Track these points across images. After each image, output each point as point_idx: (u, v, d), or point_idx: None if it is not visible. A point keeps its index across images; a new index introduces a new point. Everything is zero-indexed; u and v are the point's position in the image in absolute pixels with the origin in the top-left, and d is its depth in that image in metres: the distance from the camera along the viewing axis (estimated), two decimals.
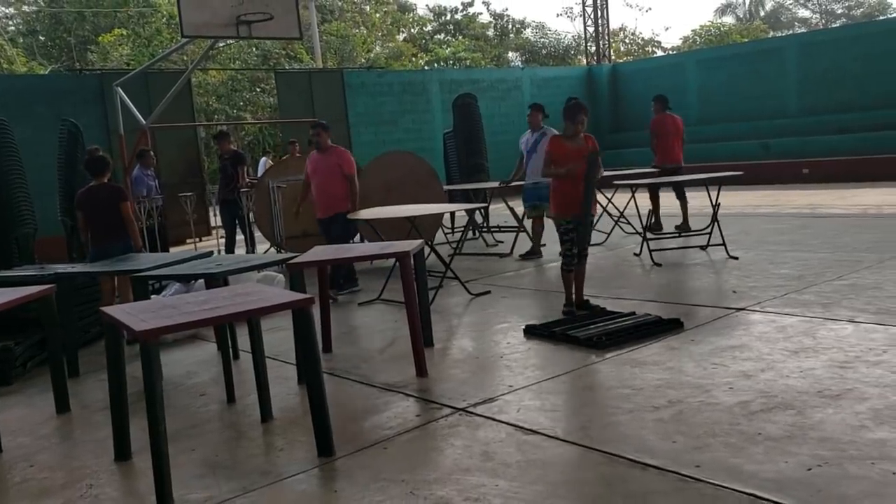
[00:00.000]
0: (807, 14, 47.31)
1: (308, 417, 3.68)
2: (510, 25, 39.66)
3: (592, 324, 5.35)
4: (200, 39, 12.80)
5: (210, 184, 16.88)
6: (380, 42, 33.84)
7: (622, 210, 10.26)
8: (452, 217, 11.88)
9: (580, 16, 27.10)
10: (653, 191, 9.89)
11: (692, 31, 39.12)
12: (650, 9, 62.72)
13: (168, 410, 3.39)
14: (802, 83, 18.40)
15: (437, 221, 9.89)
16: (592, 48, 26.23)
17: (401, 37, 36.51)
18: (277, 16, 10.49)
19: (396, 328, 5.97)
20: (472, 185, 10.84)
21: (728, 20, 43.91)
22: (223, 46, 25.94)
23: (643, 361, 4.56)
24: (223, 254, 9.97)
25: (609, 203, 10.16)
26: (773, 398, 3.77)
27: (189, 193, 11.96)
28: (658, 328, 5.17)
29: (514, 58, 38.51)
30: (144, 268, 5.42)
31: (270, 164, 15.62)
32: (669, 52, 36.57)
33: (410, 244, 5.28)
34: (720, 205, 8.17)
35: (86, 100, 13.95)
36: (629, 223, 10.28)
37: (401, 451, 3.57)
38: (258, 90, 26.70)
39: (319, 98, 17.15)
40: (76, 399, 4.82)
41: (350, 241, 8.10)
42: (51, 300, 4.70)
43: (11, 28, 31.51)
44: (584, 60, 27.85)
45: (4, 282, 5.30)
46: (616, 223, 10.19)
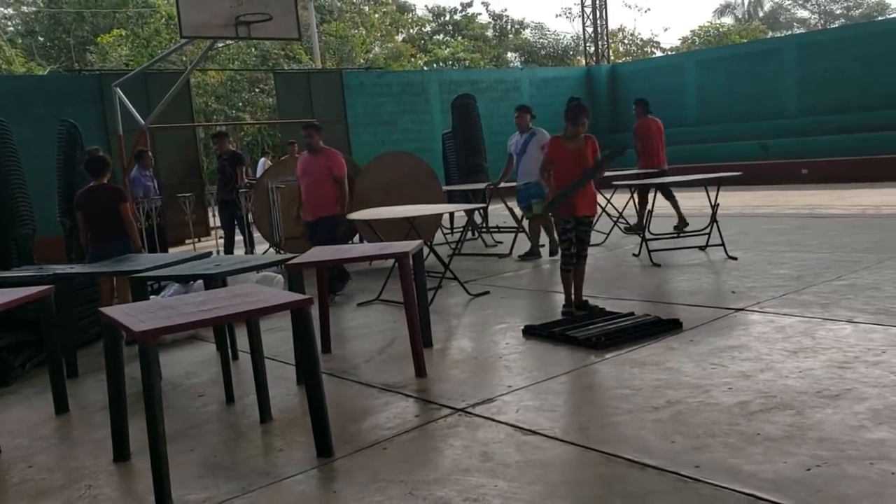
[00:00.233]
0: (805, 14, 47.38)
1: (307, 418, 3.68)
2: (509, 26, 39.68)
3: (591, 324, 5.35)
4: (199, 40, 12.81)
5: (209, 184, 16.87)
6: (379, 42, 33.84)
7: (621, 210, 10.28)
8: (452, 217, 11.89)
9: (579, 16, 27.16)
10: (643, 193, 9.89)
11: (691, 32, 39.17)
12: (649, 9, 62.84)
13: (167, 411, 3.39)
14: (801, 84, 18.41)
15: (436, 222, 9.89)
16: (591, 49, 26.24)
17: (400, 37, 36.51)
18: (276, 16, 10.50)
19: (395, 329, 5.97)
20: (471, 186, 10.85)
21: (727, 21, 43.94)
22: (222, 47, 25.93)
23: (642, 362, 4.56)
24: (222, 254, 9.96)
25: (608, 203, 10.16)
26: (772, 398, 3.77)
27: (188, 194, 11.96)
28: (657, 328, 5.18)
29: (513, 58, 38.54)
30: (143, 268, 5.42)
31: (269, 165, 15.63)
32: (668, 53, 36.61)
33: (409, 245, 5.27)
34: (719, 205, 8.17)
35: (85, 100, 13.94)
36: (628, 223, 10.29)
37: (400, 452, 3.57)
38: (257, 91, 26.70)
39: (318, 98, 17.16)
40: (75, 400, 4.82)
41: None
42: (49, 301, 4.69)
43: (10, 29, 31.50)
44: (583, 61, 27.87)
45: (3, 282, 5.29)
46: (615, 223, 10.20)
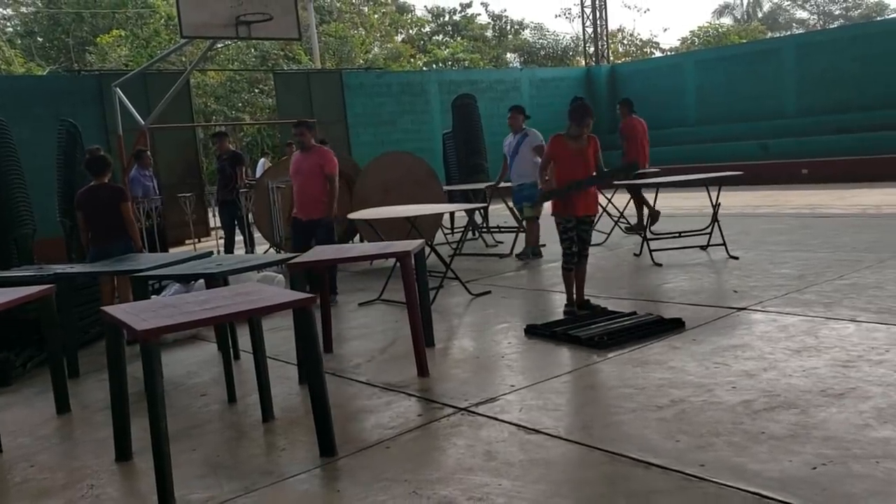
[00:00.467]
0: (804, 15, 47.43)
1: (309, 417, 3.66)
2: (508, 26, 39.70)
3: (594, 323, 5.34)
4: (199, 40, 12.79)
5: (209, 184, 16.86)
6: (378, 43, 33.84)
7: (622, 210, 10.27)
8: (452, 217, 11.87)
9: (579, 17, 27.19)
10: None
11: (690, 32, 39.20)
12: (648, 10, 62.85)
13: (169, 411, 3.37)
14: (801, 84, 18.42)
15: (437, 222, 9.88)
16: (591, 49, 26.25)
17: (399, 38, 36.51)
18: (276, 16, 10.49)
19: (397, 328, 5.95)
20: (472, 186, 10.84)
21: (726, 21, 43.98)
22: (221, 47, 25.93)
23: (645, 361, 4.55)
24: (222, 254, 9.95)
25: (609, 203, 10.14)
26: (776, 397, 3.76)
27: (188, 194, 11.95)
28: (660, 328, 5.17)
29: (513, 59, 38.55)
30: (144, 268, 5.41)
31: (269, 165, 15.61)
32: (668, 53, 36.63)
33: (411, 244, 5.26)
34: (720, 204, 8.17)
35: (84, 100, 13.93)
36: (629, 223, 10.28)
37: (403, 451, 3.56)
38: (257, 91, 26.68)
39: (318, 99, 17.15)
40: (76, 399, 4.81)
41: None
42: (50, 300, 4.68)
43: (9, 29, 31.48)
44: (583, 61, 27.88)
45: (4, 282, 5.28)
46: (616, 223, 10.19)
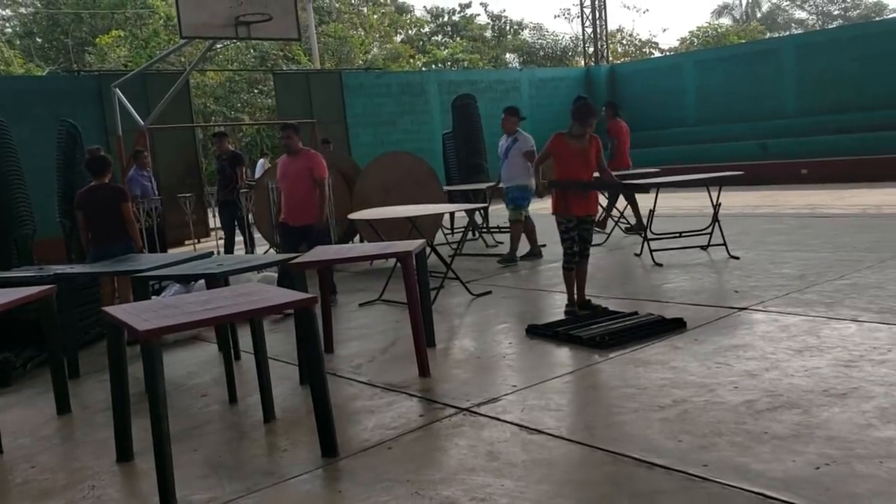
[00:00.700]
0: (803, 15, 47.46)
1: (311, 418, 3.66)
2: (508, 27, 39.71)
3: (595, 324, 5.34)
4: (198, 41, 12.80)
5: (208, 185, 16.84)
6: (377, 43, 33.83)
7: (622, 210, 10.27)
8: (452, 218, 11.86)
9: (578, 17, 27.21)
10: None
11: (689, 33, 39.25)
12: (647, 10, 62.86)
13: (170, 411, 3.36)
14: (800, 84, 18.42)
15: (437, 222, 9.88)
16: (590, 49, 26.25)
17: (398, 38, 36.52)
18: (276, 16, 10.49)
19: (398, 328, 5.94)
20: (472, 186, 10.83)
21: (725, 21, 44.01)
22: (221, 48, 25.91)
23: (647, 361, 4.54)
24: (222, 255, 9.93)
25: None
26: (779, 397, 3.76)
27: (188, 195, 11.94)
28: (661, 328, 5.16)
29: (512, 59, 38.55)
30: (145, 268, 5.40)
31: (269, 166, 15.59)
32: (667, 54, 36.64)
33: (412, 244, 5.25)
34: (721, 205, 8.17)
35: (84, 101, 13.90)
36: (629, 223, 10.28)
37: (405, 452, 3.55)
38: (256, 91, 26.67)
39: (318, 99, 17.13)
40: (77, 400, 4.80)
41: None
42: (51, 301, 4.67)
43: (8, 30, 31.47)
44: (583, 61, 27.87)
45: (4, 283, 5.27)
46: (616, 223, 10.19)
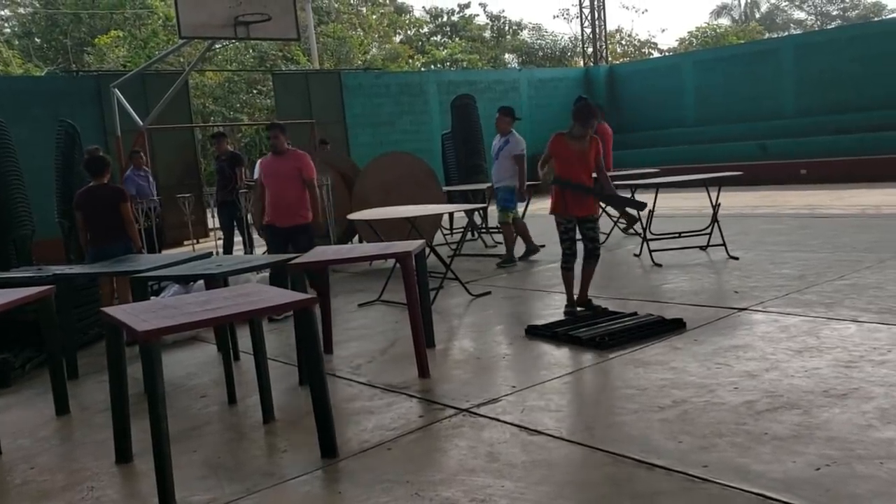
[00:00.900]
0: (802, 16, 47.50)
1: (310, 418, 3.65)
2: (507, 27, 39.73)
3: (595, 324, 5.33)
4: (197, 41, 12.79)
5: (207, 185, 16.83)
6: (376, 44, 33.85)
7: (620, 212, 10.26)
8: (451, 218, 11.86)
9: (577, 17, 27.22)
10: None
11: (688, 33, 39.28)
12: (646, 10, 62.90)
13: (169, 412, 3.36)
14: (799, 84, 18.44)
15: (436, 222, 9.88)
16: (589, 50, 26.26)
17: (397, 38, 36.53)
18: (275, 17, 10.50)
19: (397, 329, 5.94)
20: (471, 186, 10.82)
21: (724, 22, 44.06)
22: (220, 48, 25.91)
23: (647, 361, 4.54)
24: (221, 255, 9.92)
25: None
26: (779, 398, 3.75)
27: (187, 195, 11.92)
28: (661, 328, 5.16)
29: (511, 59, 38.56)
30: (144, 269, 5.39)
31: None
32: (666, 54, 36.66)
33: (412, 245, 5.24)
34: (720, 205, 8.16)
35: (83, 101, 13.89)
36: (628, 224, 10.27)
37: (405, 452, 3.55)
38: (255, 92, 26.68)
39: (317, 99, 17.13)
40: (76, 401, 4.79)
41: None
42: (50, 302, 4.66)
43: (7, 30, 31.46)
44: (582, 62, 27.88)
45: (3, 283, 5.26)
46: (615, 223, 10.18)
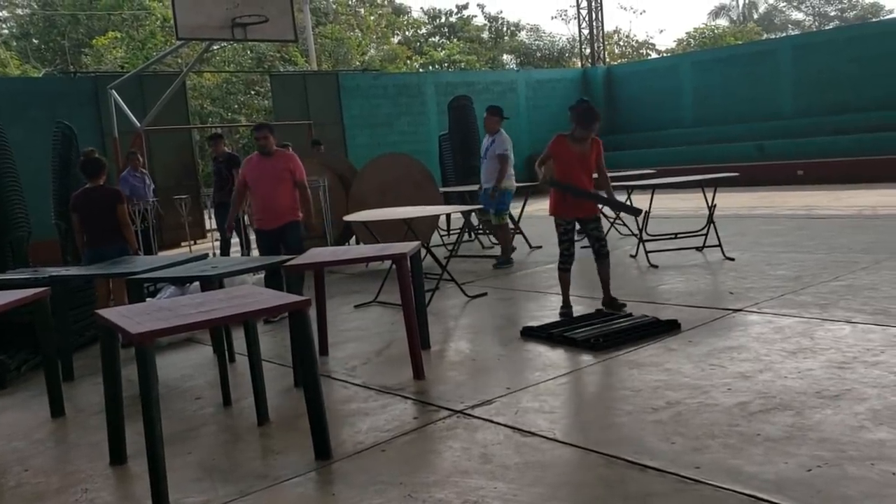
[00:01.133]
0: (800, 16, 47.55)
1: (305, 420, 3.65)
2: (505, 28, 39.73)
3: (589, 325, 5.34)
4: (195, 42, 12.79)
5: (205, 186, 16.84)
6: (374, 45, 33.84)
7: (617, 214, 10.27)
8: (448, 219, 11.87)
9: (575, 18, 27.21)
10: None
11: (686, 34, 39.33)
12: (644, 11, 62.85)
13: (164, 414, 3.36)
14: (797, 85, 18.46)
15: (433, 223, 9.88)
16: (587, 50, 26.26)
17: (395, 39, 36.53)
18: (272, 18, 10.50)
19: (393, 330, 5.95)
20: (468, 187, 10.83)
21: (722, 23, 44.07)
22: (218, 49, 25.92)
23: (641, 363, 4.55)
24: (218, 256, 9.92)
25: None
26: (772, 399, 3.76)
27: (184, 196, 11.93)
28: (655, 329, 5.16)
29: (509, 60, 38.58)
30: (139, 270, 5.39)
31: None
32: (664, 55, 36.67)
33: (407, 246, 5.25)
34: (716, 206, 8.17)
35: (80, 103, 13.90)
36: (625, 225, 10.29)
37: (399, 454, 3.55)
38: (253, 93, 26.68)
39: (314, 101, 17.14)
40: (71, 403, 4.79)
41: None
42: (45, 304, 4.67)
43: (5, 31, 31.46)
44: (579, 63, 27.89)
45: None
46: (612, 225, 10.20)
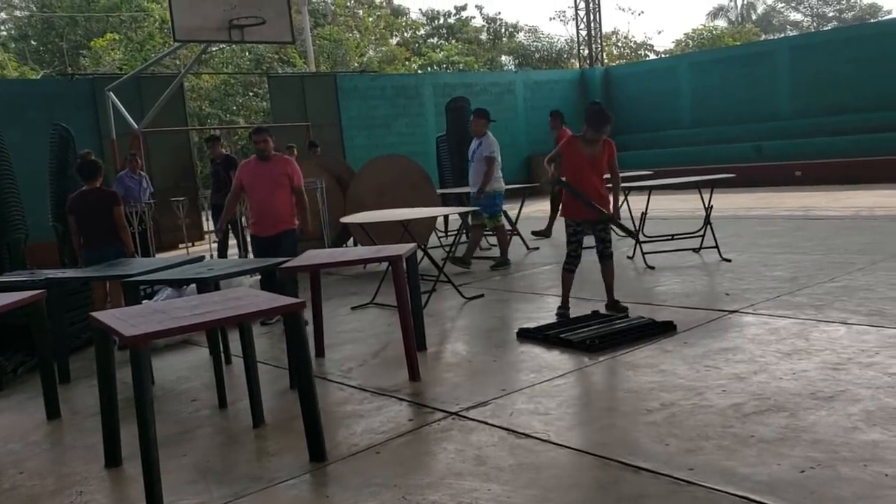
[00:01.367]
0: (798, 17, 47.65)
1: (300, 422, 3.65)
2: (503, 29, 39.76)
3: (585, 327, 5.34)
4: (193, 44, 12.79)
5: (202, 188, 16.84)
6: (373, 46, 33.87)
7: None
8: (446, 221, 11.87)
9: (573, 19, 27.20)
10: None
11: (684, 35, 39.30)
12: (642, 12, 63.02)
13: (159, 416, 3.37)
14: (795, 86, 18.48)
15: (430, 225, 9.88)
16: (585, 52, 26.28)
17: (394, 41, 36.55)
18: (270, 20, 10.51)
19: (390, 332, 5.95)
20: (465, 189, 10.83)
21: (720, 23, 44.13)
22: (216, 51, 25.93)
23: (636, 364, 4.55)
24: (215, 258, 9.92)
25: None
26: (766, 400, 3.77)
27: (181, 198, 11.92)
28: (651, 331, 5.17)
29: (507, 61, 38.60)
30: (136, 273, 5.40)
31: None
32: (662, 56, 36.69)
33: (402, 248, 5.26)
34: (713, 207, 8.18)
35: (78, 105, 13.89)
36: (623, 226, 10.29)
37: (393, 456, 3.56)
38: (251, 94, 26.70)
39: (312, 102, 17.15)
40: (67, 405, 4.79)
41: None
42: (41, 306, 4.67)
43: (3, 33, 31.45)
44: (577, 64, 27.90)
45: None
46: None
